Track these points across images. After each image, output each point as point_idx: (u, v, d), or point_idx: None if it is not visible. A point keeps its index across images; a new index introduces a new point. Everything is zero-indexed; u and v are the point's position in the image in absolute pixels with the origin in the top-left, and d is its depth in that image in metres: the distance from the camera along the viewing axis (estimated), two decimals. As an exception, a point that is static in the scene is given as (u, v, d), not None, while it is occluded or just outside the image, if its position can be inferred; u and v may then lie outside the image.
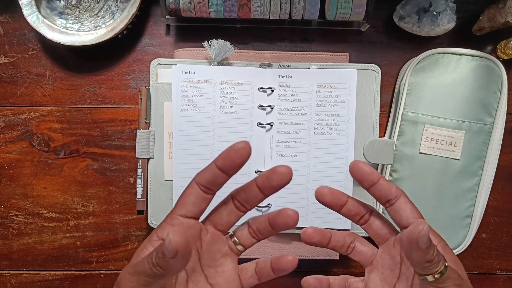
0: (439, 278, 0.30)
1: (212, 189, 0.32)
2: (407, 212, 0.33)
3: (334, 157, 0.49)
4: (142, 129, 0.50)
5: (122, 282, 0.29)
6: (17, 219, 0.54)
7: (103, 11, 0.53)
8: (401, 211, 0.33)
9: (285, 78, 0.49)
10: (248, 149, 0.30)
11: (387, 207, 0.34)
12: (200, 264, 0.33)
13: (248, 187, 0.33)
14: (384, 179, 0.34)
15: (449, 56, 0.50)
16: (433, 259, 0.29)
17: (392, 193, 0.34)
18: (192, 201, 0.31)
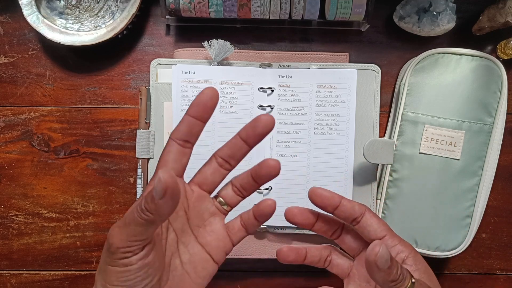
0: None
1: (189, 141, 0.32)
2: (373, 226, 0.34)
3: (334, 157, 0.49)
4: (142, 129, 0.50)
5: (112, 238, 0.29)
6: (17, 219, 0.54)
7: (103, 11, 0.53)
8: (368, 227, 0.34)
9: (285, 78, 0.49)
10: (215, 93, 0.31)
11: (355, 225, 0.35)
12: (189, 225, 0.33)
13: (231, 142, 0.34)
14: (346, 200, 0.35)
15: (449, 56, 0.50)
16: (397, 278, 0.29)
17: (356, 211, 0.34)
18: (173, 158, 0.31)
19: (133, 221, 0.27)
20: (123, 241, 0.28)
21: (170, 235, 0.32)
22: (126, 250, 0.28)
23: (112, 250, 0.28)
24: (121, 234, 0.28)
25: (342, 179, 0.49)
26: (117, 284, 0.28)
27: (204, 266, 0.33)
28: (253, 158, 0.49)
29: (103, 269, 0.29)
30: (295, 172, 0.49)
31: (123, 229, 0.28)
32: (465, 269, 0.55)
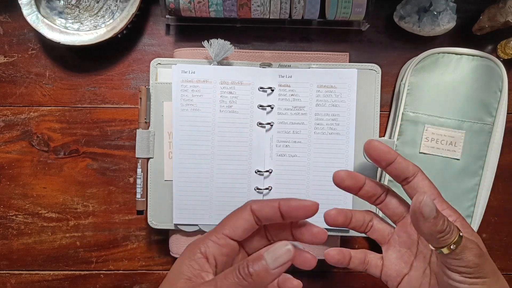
0: (455, 249, 0.30)
1: (263, 223, 0.32)
2: (424, 189, 0.34)
3: (334, 157, 0.49)
4: (142, 129, 0.50)
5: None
6: (17, 219, 0.54)
7: (103, 10, 0.53)
8: (419, 188, 0.34)
9: (285, 78, 0.49)
10: (315, 210, 0.31)
11: (404, 185, 0.35)
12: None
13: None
14: (401, 157, 0.35)
15: (450, 56, 0.50)
16: (444, 229, 0.29)
17: (410, 171, 0.34)
18: (244, 228, 0.31)
19: (228, 287, 0.27)
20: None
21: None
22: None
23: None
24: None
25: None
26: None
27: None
28: (253, 157, 0.49)
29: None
30: (295, 172, 0.49)
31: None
32: (465, 269, 0.55)
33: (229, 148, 0.49)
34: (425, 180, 0.34)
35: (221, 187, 0.49)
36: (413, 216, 0.29)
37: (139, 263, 0.54)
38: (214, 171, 0.49)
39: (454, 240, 0.30)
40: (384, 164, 0.35)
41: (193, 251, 0.31)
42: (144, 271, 0.54)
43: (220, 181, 0.49)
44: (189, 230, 0.50)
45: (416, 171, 0.35)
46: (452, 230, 0.30)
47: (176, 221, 0.49)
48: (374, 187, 0.36)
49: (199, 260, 0.30)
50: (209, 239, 0.31)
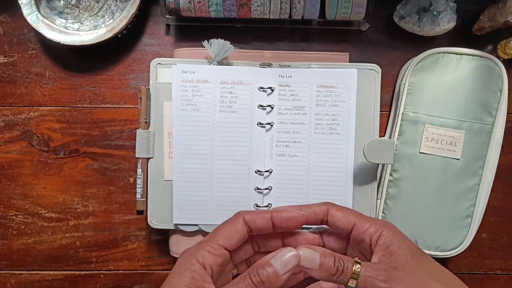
0: (357, 284, 0.30)
1: (254, 233, 0.33)
2: (341, 221, 0.33)
3: (334, 157, 0.49)
4: (142, 129, 0.50)
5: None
6: (17, 219, 0.54)
7: (103, 10, 0.53)
8: (336, 223, 0.34)
9: (285, 78, 0.49)
10: (304, 222, 0.33)
11: (326, 223, 0.34)
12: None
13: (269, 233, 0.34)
14: (304, 207, 0.34)
15: (450, 56, 0.50)
16: (335, 271, 0.30)
17: (320, 213, 0.34)
18: (238, 238, 0.32)
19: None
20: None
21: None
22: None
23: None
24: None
25: (342, 179, 0.49)
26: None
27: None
28: (253, 157, 0.49)
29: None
30: (295, 171, 0.49)
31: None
32: (465, 269, 0.55)
33: (229, 148, 0.49)
34: (336, 212, 0.34)
35: (221, 187, 0.49)
36: (303, 271, 0.30)
37: (139, 263, 0.54)
38: (214, 171, 0.49)
39: (351, 275, 0.30)
40: (300, 224, 0.34)
41: (191, 262, 0.31)
42: (144, 271, 0.54)
43: (220, 181, 0.49)
44: (189, 230, 0.50)
45: (325, 208, 0.34)
46: (345, 268, 0.30)
47: (176, 221, 0.49)
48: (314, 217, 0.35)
49: (199, 271, 0.30)
50: (204, 249, 0.31)
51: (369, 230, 0.33)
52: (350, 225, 0.33)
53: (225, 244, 0.32)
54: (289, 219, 0.32)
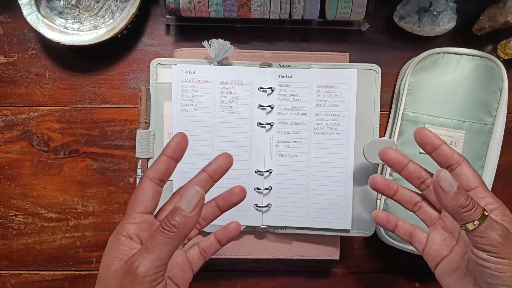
0: (478, 226, 0.31)
1: (164, 180, 0.35)
2: (468, 177, 0.35)
3: (334, 157, 0.49)
4: (142, 129, 0.50)
5: (137, 268, 0.29)
6: (17, 219, 0.54)
7: (103, 10, 0.53)
8: (462, 176, 0.36)
9: (285, 78, 0.49)
10: (186, 136, 0.36)
11: (450, 171, 0.36)
12: None
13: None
14: (447, 146, 0.37)
15: (450, 56, 0.50)
16: (466, 204, 0.31)
17: (454, 159, 0.36)
18: (150, 197, 0.34)
19: (158, 244, 0.29)
20: (150, 269, 0.29)
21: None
22: (152, 279, 0.29)
23: (139, 281, 0.28)
24: (145, 262, 0.29)
25: (342, 179, 0.49)
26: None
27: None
28: (253, 157, 0.49)
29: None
30: (295, 172, 0.49)
31: (146, 256, 0.29)
32: (465, 269, 0.55)
33: (229, 148, 0.49)
34: (469, 169, 0.36)
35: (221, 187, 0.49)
36: (434, 190, 0.32)
37: (139, 263, 0.54)
38: (214, 171, 0.49)
39: (478, 217, 0.31)
40: (429, 149, 0.38)
41: (116, 239, 0.32)
42: (144, 271, 0.54)
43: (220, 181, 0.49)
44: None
45: (461, 160, 0.36)
46: (476, 208, 0.31)
47: (176, 221, 0.49)
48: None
49: (125, 242, 0.32)
50: (125, 223, 0.33)
51: (487, 199, 0.35)
52: (473, 185, 0.35)
53: (142, 209, 0.34)
54: (182, 147, 0.36)
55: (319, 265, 0.54)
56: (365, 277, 0.55)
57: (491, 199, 0.35)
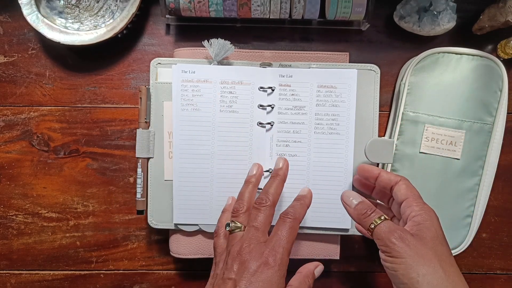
0: (373, 229, 0.37)
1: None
2: (400, 192, 0.40)
3: (334, 156, 0.49)
4: (142, 128, 0.50)
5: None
6: (17, 219, 0.54)
7: (103, 10, 0.53)
8: (397, 192, 0.40)
9: (285, 78, 0.49)
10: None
11: (392, 194, 0.42)
12: None
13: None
14: (384, 172, 0.43)
15: (450, 56, 0.50)
16: (364, 212, 0.39)
17: (392, 180, 0.41)
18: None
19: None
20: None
21: None
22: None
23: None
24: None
25: (342, 178, 0.49)
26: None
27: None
28: (253, 156, 0.49)
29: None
30: (295, 171, 0.49)
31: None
32: (465, 269, 0.55)
33: (229, 148, 0.49)
34: (402, 185, 0.40)
35: (221, 187, 0.49)
36: (343, 205, 0.41)
37: (139, 263, 0.54)
38: (214, 171, 0.49)
39: (374, 220, 0.37)
40: (372, 180, 0.44)
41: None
42: (144, 271, 0.54)
43: (220, 181, 0.49)
44: (189, 230, 0.50)
45: (398, 180, 0.41)
46: (372, 216, 0.38)
47: (176, 220, 0.49)
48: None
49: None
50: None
51: (413, 207, 0.38)
52: (404, 197, 0.40)
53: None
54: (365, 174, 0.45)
55: (319, 265, 0.54)
56: (365, 277, 0.55)
57: (416, 208, 0.38)
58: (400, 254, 0.34)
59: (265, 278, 0.35)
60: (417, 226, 0.37)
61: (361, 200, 0.40)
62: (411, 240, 0.35)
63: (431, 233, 0.36)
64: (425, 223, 0.37)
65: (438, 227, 0.37)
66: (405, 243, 0.35)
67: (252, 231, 0.39)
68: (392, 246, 0.35)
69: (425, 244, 0.35)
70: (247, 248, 0.37)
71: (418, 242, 0.35)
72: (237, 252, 0.38)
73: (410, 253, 0.34)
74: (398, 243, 0.35)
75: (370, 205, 0.39)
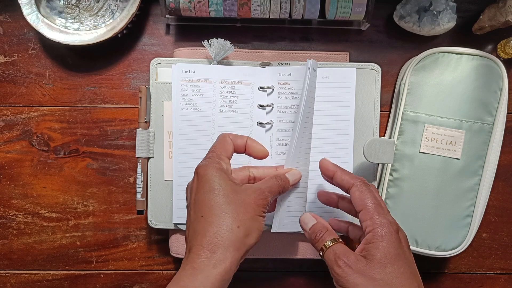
0: (322, 255, 0.37)
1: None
2: (354, 201, 0.38)
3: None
4: (142, 128, 0.50)
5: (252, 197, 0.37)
6: (17, 218, 0.54)
7: (103, 10, 0.53)
8: (353, 200, 0.38)
9: (284, 76, 0.49)
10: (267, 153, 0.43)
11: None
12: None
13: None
14: (341, 171, 0.40)
15: (450, 56, 0.50)
16: (314, 238, 0.39)
17: (346, 183, 0.39)
18: (231, 151, 0.42)
19: (273, 192, 0.40)
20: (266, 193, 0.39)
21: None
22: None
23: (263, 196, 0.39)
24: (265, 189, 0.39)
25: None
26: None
27: None
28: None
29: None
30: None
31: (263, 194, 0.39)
32: (465, 269, 0.55)
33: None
34: (356, 192, 0.38)
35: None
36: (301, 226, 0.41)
37: (139, 262, 0.54)
38: (214, 171, 0.49)
39: (322, 247, 0.37)
40: (328, 177, 0.42)
41: (215, 160, 0.39)
42: (144, 271, 0.54)
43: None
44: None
45: (351, 184, 0.39)
46: (320, 241, 0.38)
47: (176, 220, 0.49)
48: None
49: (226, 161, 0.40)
50: (219, 158, 0.40)
51: (367, 223, 0.37)
52: (358, 209, 0.38)
53: (227, 157, 0.41)
54: (258, 150, 0.43)
55: (319, 265, 0.54)
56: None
57: (369, 222, 0.36)
58: (344, 283, 0.34)
59: (200, 182, 0.38)
60: (367, 245, 0.36)
61: (314, 223, 0.40)
62: (357, 266, 0.34)
63: (380, 253, 0.35)
64: (376, 242, 0.35)
65: (390, 244, 0.35)
66: (350, 271, 0.34)
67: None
68: (336, 276, 0.35)
69: (372, 268, 0.34)
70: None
71: (365, 267, 0.34)
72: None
73: (355, 281, 0.34)
74: (342, 272, 0.35)
75: (323, 226, 0.39)
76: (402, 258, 0.35)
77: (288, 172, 0.42)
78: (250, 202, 0.37)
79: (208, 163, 0.39)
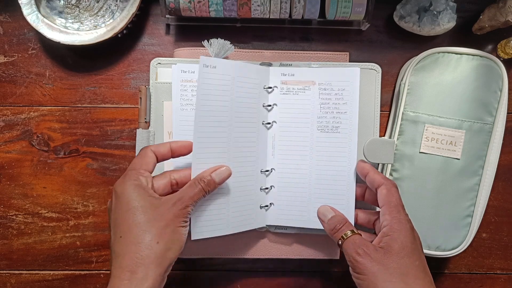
0: (341, 244, 0.40)
1: (159, 160, 0.43)
2: (380, 198, 0.41)
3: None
4: (142, 128, 0.50)
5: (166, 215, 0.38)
6: (17, 219, 0.54)
7: (103, 10, 0.53)
8: (378, 196, 0.41)
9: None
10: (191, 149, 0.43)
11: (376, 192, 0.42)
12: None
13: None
14: (373, 172, 0.43)
15: (450, 56, 0.50)
16: (333, 227, 0.42)
17: (376, 182, 0.42)
18: (153, 164, 0.42)
19: (193, 197, 0.40)
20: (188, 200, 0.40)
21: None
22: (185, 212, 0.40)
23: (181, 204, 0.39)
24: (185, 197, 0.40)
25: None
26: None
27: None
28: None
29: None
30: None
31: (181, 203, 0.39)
32: (465, 269, 0.55)
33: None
34: (383, 190, 0.41)
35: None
36: (319, 219, 0.45)
37: (139, 263, 0.54)
38: (214, 171, 0.49)
39: (341, 237, 0.40)
40: (363, 176, 0.44)
41: (134, 176, 0.40)
42: (144, 271, 0.54)
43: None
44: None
45: (381, 184, 0.41)
46: (340, 231, 0.41)
47: (176, 220, 0.49)
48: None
49: (145, 174, 0.41)
50: (139, 173, 0.40)
51: (385, 216, 0.39)
52: (381, 206, 0.41)
53: (147, 170, 0.41)
54: (183, 147, 0.43)
55: (319, 265, 0.54)
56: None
57: (388, 217, 0.39)
58: (362, 270, 0.36)
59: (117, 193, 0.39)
60: (384, 237, 0.38)
61: (333, 215, 0.43)
62: (375, 255, 0.36)
63: (397, 245, 0.37)
64: (392, 234, 0.38)
65: (406, 238, 0.37)
66: (368, 259, 0.36)
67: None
68: (355, 263, 0.37)
69: (390, 258, 0.36)
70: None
71: (382, 256, 0.36)
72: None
73: (372, 269, 0.36)
74: (361, 259, 0.37)
75: (342, 219, 0.42)
76: (417, 253, 0.37)
77: (215, 171, 0.42)
78: (169, 215, 0.38)
79: (126, 180, 0.39)
